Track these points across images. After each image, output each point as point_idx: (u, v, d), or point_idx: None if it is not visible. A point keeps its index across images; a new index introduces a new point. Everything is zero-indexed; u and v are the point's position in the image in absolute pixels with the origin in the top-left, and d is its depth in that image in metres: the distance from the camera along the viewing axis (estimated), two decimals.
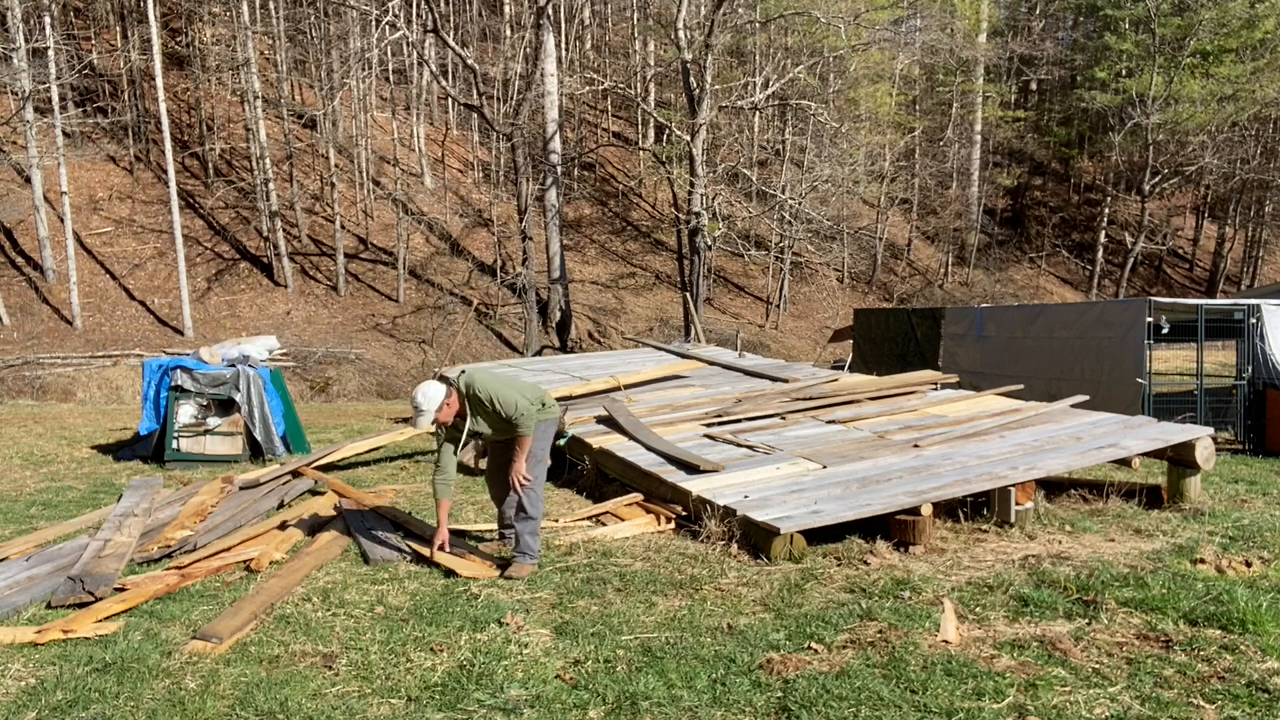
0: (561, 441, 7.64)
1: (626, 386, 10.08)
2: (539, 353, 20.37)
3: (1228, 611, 4.17)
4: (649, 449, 7.22)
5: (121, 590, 4.72)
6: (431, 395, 4.89)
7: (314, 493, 7.36)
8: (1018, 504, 5.97)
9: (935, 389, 9.33)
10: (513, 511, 5.33)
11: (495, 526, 5.79)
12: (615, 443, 7.57)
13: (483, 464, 6.63)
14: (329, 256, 26.16)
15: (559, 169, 23.30)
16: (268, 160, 25.33)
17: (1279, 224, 38.13)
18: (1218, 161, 32.94)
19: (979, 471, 6.07)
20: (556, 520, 6.22)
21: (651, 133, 35.51)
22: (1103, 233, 36.40)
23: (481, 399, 4.99)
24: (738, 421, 8.18)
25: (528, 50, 26.59)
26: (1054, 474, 6.31)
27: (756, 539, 5.34)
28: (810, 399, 8.74)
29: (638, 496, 6.63)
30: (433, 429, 5.06)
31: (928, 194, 36.83)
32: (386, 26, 20.59)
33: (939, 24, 35.06)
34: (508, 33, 31.92)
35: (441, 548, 5.13)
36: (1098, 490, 6.83)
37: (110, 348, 20.55)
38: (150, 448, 9.11)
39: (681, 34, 21.45)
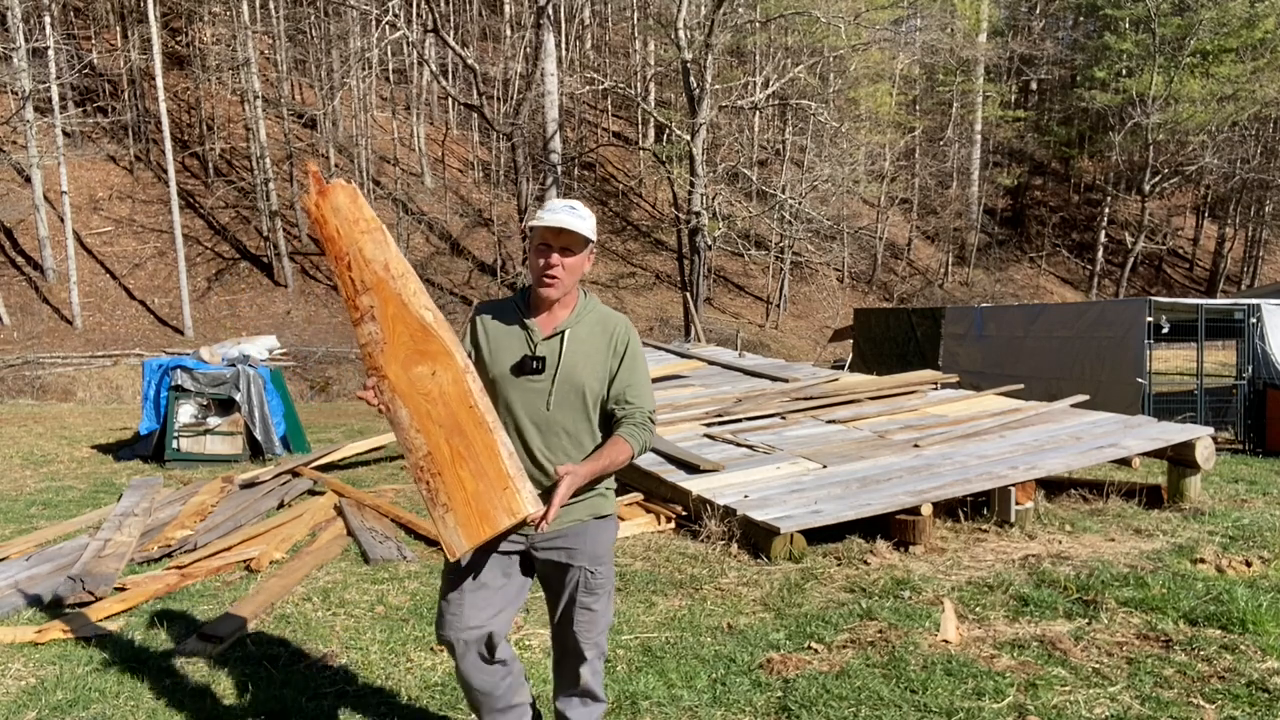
0: None
1: None
2: None
3: (1228, 611, 4.17)
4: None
5: (121, 590, 4.72)
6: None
7: (314, 493, 7.36)
8: (1018, 504, 5.97)
9: (935, 389, 9.33)
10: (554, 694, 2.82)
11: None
12: None
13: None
14: None
15: (559, 169, 23.28)
16: (268, 160, 25.33)
17: (1279, 224, 38.14)
18: (1218, 161, 32.95)
19: (979, 471, 6.07)
20: None
21: (651, 132, 35.49)
22: (1103, 233, 36.41)
23: (619, 330, 2.68)
24: (738, 421, 8.17)
25: (528, 50, 26.57)
26: (1054, 474, 6.31)
27: (756, 539, 5.34)
28: (810, 399, 8.74)
29: (638, 496, 6.63)
30: (586, 235, 2.55)
31: (928, 194, 36.82)
32: (386, 26, 20.59)
33: (939, 24, 35.02)
34: (508, 32, 31.91)
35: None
36: (1098, 490, 6.83)
37: (110, 347, 20.55)
38: (150, 447, 9.11)
39: (681, 34, 21.44)
